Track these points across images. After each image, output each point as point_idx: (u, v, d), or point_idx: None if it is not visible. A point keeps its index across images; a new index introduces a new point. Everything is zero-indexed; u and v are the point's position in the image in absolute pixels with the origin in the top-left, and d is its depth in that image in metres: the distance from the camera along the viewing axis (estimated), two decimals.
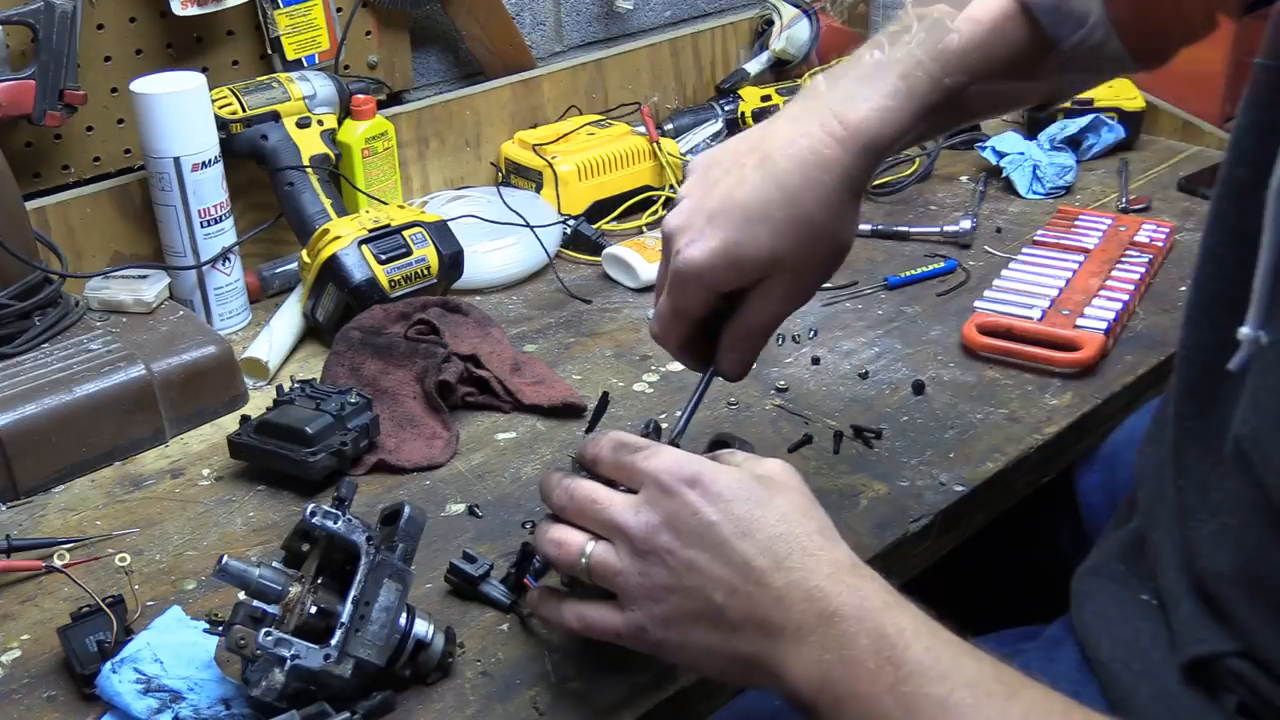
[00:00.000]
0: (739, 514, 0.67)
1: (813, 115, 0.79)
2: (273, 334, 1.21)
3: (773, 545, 0.66)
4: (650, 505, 0.69)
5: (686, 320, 0.81)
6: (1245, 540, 0.64)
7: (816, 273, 0.81)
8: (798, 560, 0.65)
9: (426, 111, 1.47)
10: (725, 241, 0.77)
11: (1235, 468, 0.64)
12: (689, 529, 0.67)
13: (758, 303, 0.80)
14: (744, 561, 0.66)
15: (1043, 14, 0.84)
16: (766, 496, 0.68)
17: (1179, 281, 1.29)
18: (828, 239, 0.79)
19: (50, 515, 0.99)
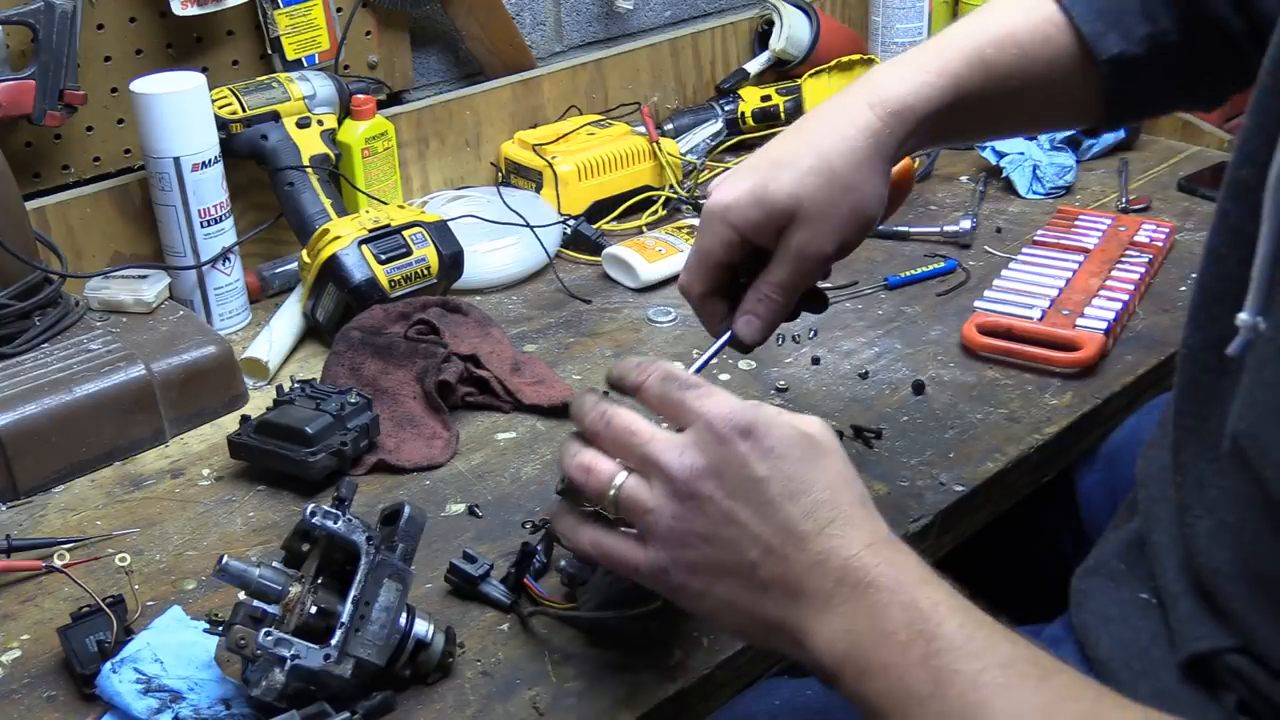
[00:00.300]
0: (789, 473, 0.65)
1: (853, 89, 0.83)
2: (273, 334, 1.21)
3: (817, 510, 0.64)
4: (697, 448, 0.66)
5: (709, 264, 0.83)
6: (1243, 536, 0.64)
7: (837, 228, 0.81)
8: (839, 529, 0.64)
9: (426, 111, 1.47)
10: (752, 182, 0.81)
11: (1232, 464, 0.64)
12: (736, 480, 0.65)
13: (778, 256, 0.81)
14: (786, 523, 0.64)
15: (1082, 21, 0.84)
16: (816, 457, 0.66)
17: (1179, 281, 1.29)
18: (851, 194, 0.80)
19: (50, 515, 0.99)
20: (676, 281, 0.88)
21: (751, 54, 1.76)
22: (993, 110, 0.87)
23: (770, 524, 0.64)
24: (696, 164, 1.55)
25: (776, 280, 0.82)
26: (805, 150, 0.81)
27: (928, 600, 0.62)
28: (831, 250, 0.82)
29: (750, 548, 0.65)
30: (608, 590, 0.80)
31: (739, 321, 0.84)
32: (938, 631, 0.60)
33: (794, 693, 0.84)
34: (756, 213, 0.81)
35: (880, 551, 0.64)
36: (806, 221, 0.80)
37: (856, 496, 0.66)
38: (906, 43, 1.71)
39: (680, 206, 1.50)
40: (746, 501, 0.65)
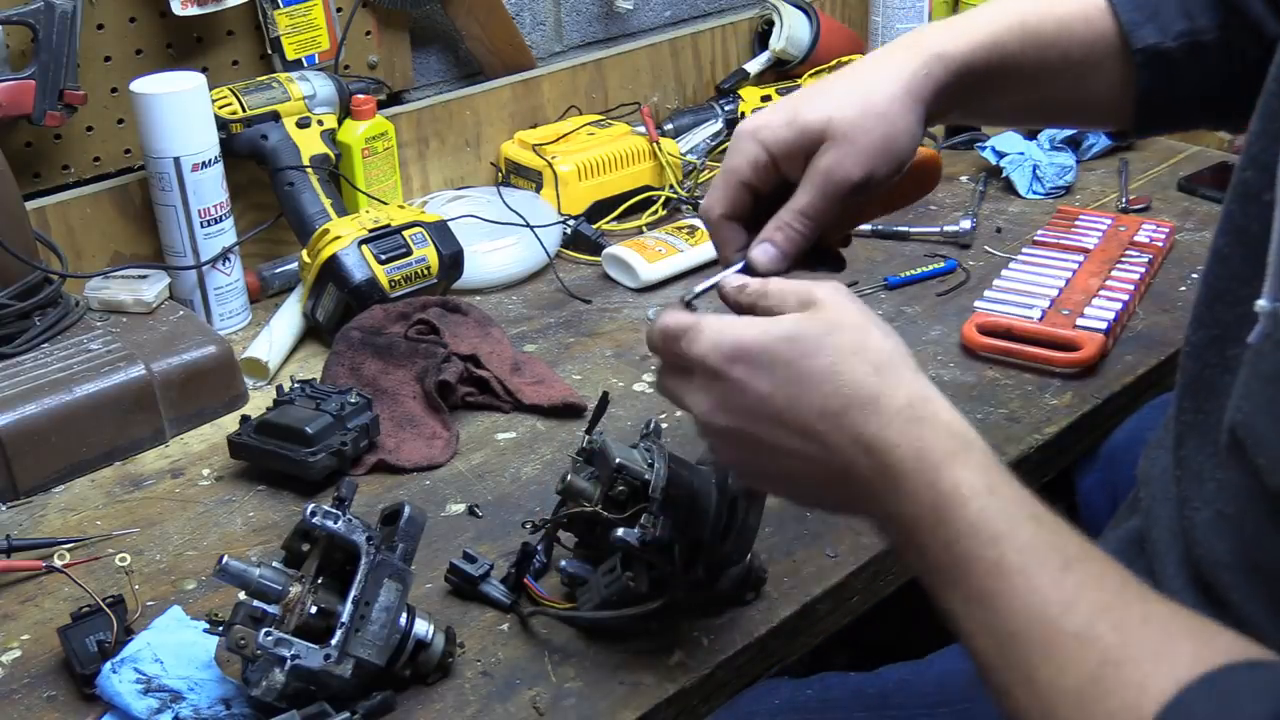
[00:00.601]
0: (787, 377, 0.66)
1: (894, 40, 0.83)
2: (273, 334, 1.21)
3: (826, 403, 0.65)
4: (703, 390, 0.69)
5: (732, 183, 0.80)
6: (1243, 528, 0.64)
7: (867, 153, 0.78)
8: (855, 415, 0.64)
9: (426, 111, 1.47)
10: (787, 104, 0.80)
11: (1231, 457, 0.64)
12: (742, 406, 0.67)
13: (804, 181, 0.79)
14: (803, 426, 0.66)
15: (1121, 9, 0.84)
16: (813, 347, 0.66)
17: (1179, 281, 1.29)
18: (884, 122, 0.78)
19: (50, 515, 0.99)
20: (699, 208, 0.83)
21: (751, 54, 1.76)
22: (1027, 82, 0.86)
23: (789, 432, 0.66)
24: (696, 164, 1.55)
25: (799, 206, 0.78)
26: (841, 80, 0.81)
27: (949, 482, 0.61)
28: (858, 176, 0.78)
29: (784, 459, 0.67)
30: (607, 590, 0.80)
31: (755, 249, 0.79)
32: (958, 515, 0.60)
33: (794, 693, 0.84)
34: (787, 132, 0.79)
35: (901, 429, 0.63)
36: (837, 142, 0.78)
37: (869, 367, 0.65)
38: None
39: (680, 206, 1.50)
40: (759, 420, 0.67)
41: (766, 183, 0.81)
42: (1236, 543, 0.65)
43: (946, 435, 0.63)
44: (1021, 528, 0.59)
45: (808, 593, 0.88)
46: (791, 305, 0.69)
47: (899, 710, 0.81)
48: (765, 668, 0.86)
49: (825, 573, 0.90)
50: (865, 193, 0.79)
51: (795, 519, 0.95)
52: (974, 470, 0.61)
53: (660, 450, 0.80)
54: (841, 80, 0.81)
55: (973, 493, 0.60)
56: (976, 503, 0.60)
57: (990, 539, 0.59)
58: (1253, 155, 0.67)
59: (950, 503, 0.60)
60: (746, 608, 0.86)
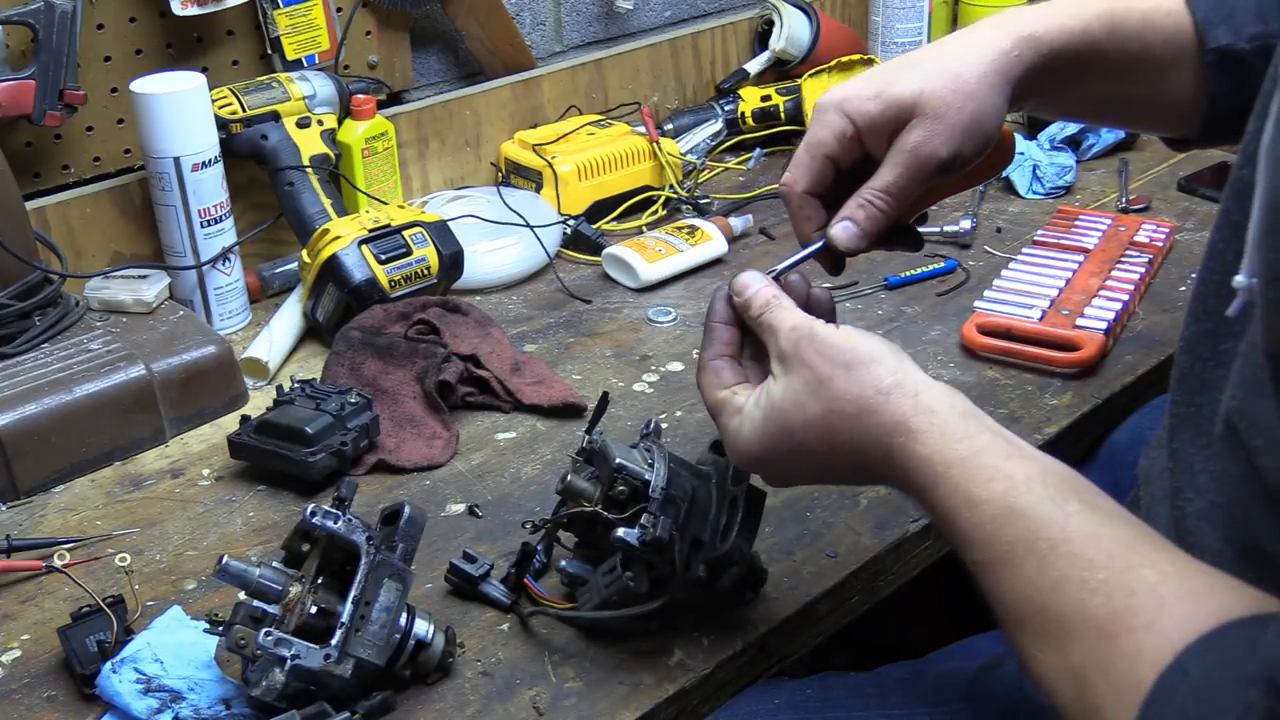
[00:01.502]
0: (806, 453, 0.72)
1: (981, 21, 0.82)
2: (273, 334, 1.21)
3: (845, 458, 0.70)
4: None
5: (817, 155, 0.79)
6: (1235, 516, 0.65)
7: (956, 131, 0.77)
8: (870, 460, 0.69)
9: (426, 111, 1.47)
10: (877, 75, 0.79)
11: (1224, 447, 0.65)
12: (787, 474, 0.76)
13: (889, 158, 0.78)
14: (845, 471, 0.72)
15: (1198, 8, 0.83)
16: (801, 427, 0.71)
17: (1179, 281, 1.29)
18: (974, 101, 0.77)
19: (50, 515, 0.99)
20: (780, 182, 0.82)
21: (751, 54, 1.76)
22: (1109, 73, 0.85)
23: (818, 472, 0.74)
24: (696, 164, 1.55)
25: (883, 183, 0.78)
26: (930, 55, 0.80)
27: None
28: (946, 154, 0.77)
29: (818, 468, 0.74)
30: (607, 590, 0.80)
31: (835, 226, 0.78)
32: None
33: (794, 692, 0.84)
34: (875, 105, 0.78)
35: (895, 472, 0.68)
36: (926, 119, 0.77)
37: (848, 438, 0.69)
38: (906, 43, 1.71)
39: (680, 206, 1.50)
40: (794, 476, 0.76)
41: (849, 157, 0.80)
42: (1228, 532, 0.65)
43: (927, 452, 0.66)
44: (1004, 526, 0.62)
45: (808, 593, 0.88)
46: (773, 357, 0.73)
47: (899, 710, 0.81)
48: (765, 668, 0.86)
49: (825, 573, 0.90)
50: (950, 172, 0.79)
51: (795, 519, 0.95)
52: (954, 486, 0.65)
53: (660, 450, 0.80)
54: (931, 55, 0.80)
55: (955, 507, 0.65)
56: (960, 514, 0.64)
57: (980, 545, 0.63)
58: (1249, 154, 0.67)
59: (949, 513, 0.65)
60: (746, 608, 0.86)
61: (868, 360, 0.70)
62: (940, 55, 0.79)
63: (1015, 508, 0.61)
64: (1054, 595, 0.58)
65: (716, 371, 0.76)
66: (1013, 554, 0.60)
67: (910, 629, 1.21)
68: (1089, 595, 0.57)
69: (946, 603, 1.24)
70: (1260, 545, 0.63)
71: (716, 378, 0.76)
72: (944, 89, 0.77)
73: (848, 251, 0.79)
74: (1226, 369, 0.65)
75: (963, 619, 0.93)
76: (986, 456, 0.64)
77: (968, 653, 0.87)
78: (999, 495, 0.62)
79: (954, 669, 0.85)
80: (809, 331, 0.72)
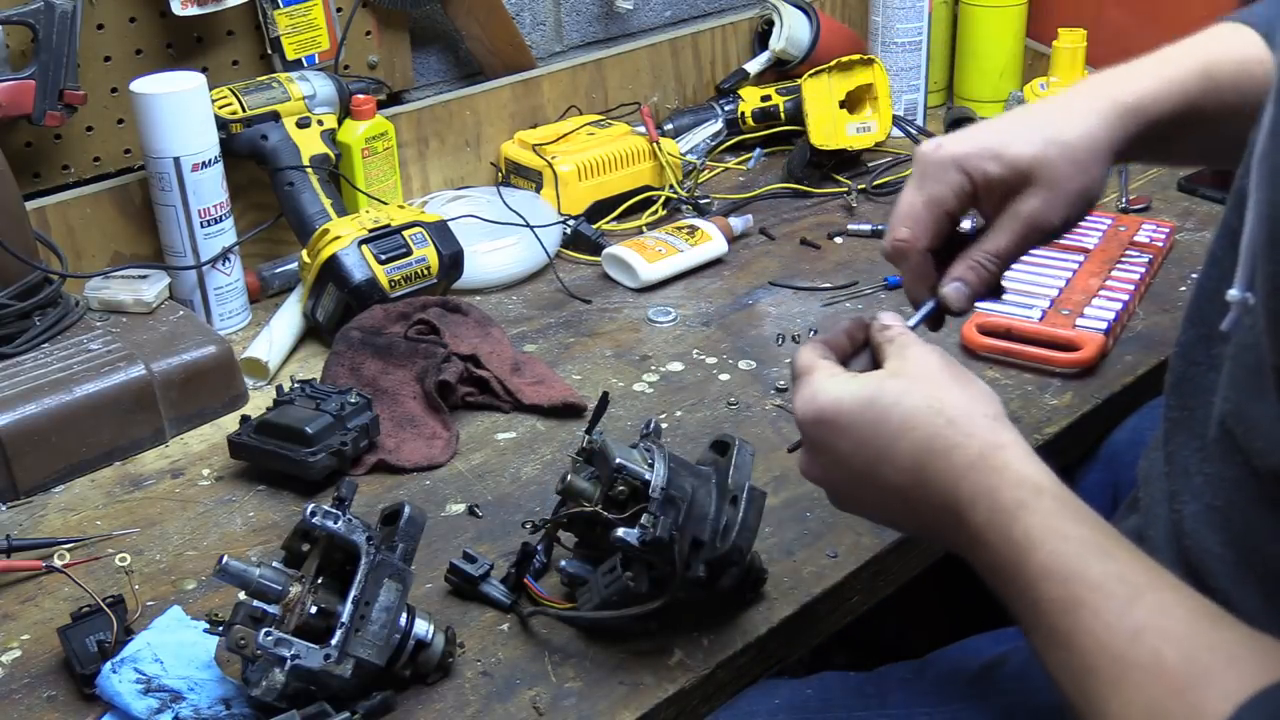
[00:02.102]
0: (863, 439, 0.71)
1: (1081, 86, 0.84)
2: (273, 334, 1.21)
3: (900, 462, 0.69)
4: (804, 447, 0.77)
5: (938, 213, 0.79)
6: (1231, 519, 0.65)
7: (1067, 202, 0.78)
8: (932, 471, 0.68)
9: (426, 111, 1.47)
10: (986, 139, 0.79)
11: (1219, 450, 0.65)
12: (827, 463, 0.74)
13: (1002, 222, 0.79)
14: (883, 484, 0.71)
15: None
16: (887, 406, 0.70)
17: (1179, 281, 1.29)
18: (1084, 174, 0.78)
19: (50, 515, 0.99)
20: (884, 242, 0.82)
21: (751, 54, 1.76)
22: (1209, 125, 0.85)
23: (874, 489, 0.72)
24: (696, 164, 1.55)
25: (995, 247, 0.79)
26: (1039, 124, 0.80)
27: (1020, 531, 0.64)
28: (1058, 223, 0.78)
29: (871, 505, 0.75)
30: (607, 590, 0.80)
31: (949, 287, 0.79)
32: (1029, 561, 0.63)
33: (794, 692, 0.84)
34: (995, 166, 0.78)
35: (975, 480, 0.67)
36: (1042, 188, 0.77)
37: (944, 419, 0.69)
38: (906, 43, 1.71)
39: (680, 206, 1.50)
40: (846, 477, 0.74)
41: (964, 214, 0.81)
42: (1226, 535, 0.66)
43: (1017, 484, 0.65)
44: (1091, 565, 0.61)
45: (808, 593, 0.88)
46: (891, 357, 0.73)
47: (899, 710, 0.82)
48: (765, 668, 0.86)
49: (825, 573, 0.90)
50: (1054, 238, 0.81)
51: (795, 519, 0.95)
52: (1044, 515, 0.63)
53: (660, 450, 0.80)
54: (1040, 119, 0.80)
55: (1042, 537, 0.63)
56: (1046, 547, 0.62)
57: (1061, 580, 0.61)
58: (1248, 164, 0.68)
59: (1022, 549, 0.63)
60: (746, 608, 0.86)
61: (985, 391, 0.72)
62: (1050, 121, 0.80)
63: (1107, 549, 0.62)
64: (1132, 642, 0.58)
65: (818, 347, 0.77)
66: (1096, 594, 0.60)
67: (910, 629, 1.21)
68: (1167, 646, 0.57)
69: (946, 603, 1.24)
70: (1261, 547, 0.63)
71: (819, 349, 0.77)
72: (1059, 158, 0.78)
73: (959, 311, 0.80)
74: (1219, 373, 0.65)
75: (963, 619, 0.93)
76: (1076, 502, 0.65)
77: (968, 653, 0.87)
78: (1090, 535, 0.62)
79: (954, 669, 0.85)
80: (937, 349, 0.74)
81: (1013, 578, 0.64)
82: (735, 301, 1.30)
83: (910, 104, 1.74)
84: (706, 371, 1.17)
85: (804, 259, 1.39)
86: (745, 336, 1.23)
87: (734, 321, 1.26)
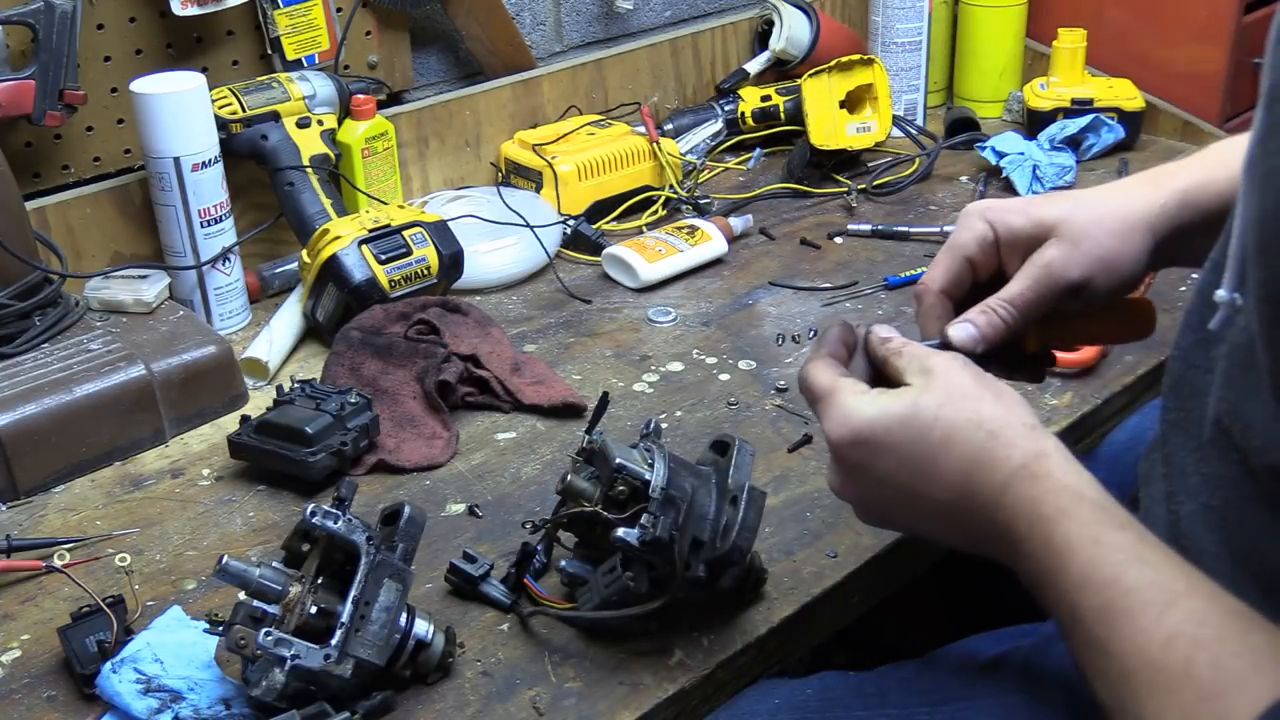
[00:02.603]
0: (907, 456, 0.70)
1: (1131, 177, 0.84)
2: (273, 334, 1.21)
3: (946, 477, 0.69)
4: (833, 467, 0.75)
5: (955, 257, 0.81)
6: (1228, 518, 0.65)
7: (1089, 259, 0.78)
8: (977, 484, 0.68)
9: (426, 111, 1.47)
10: (1024, 199, 0.82)
11: (1214, 450, 0.65)
12: (868, 485, 0.73)
13: (1020, 271, 0.79)
14: (927, 499, 0.70)
15: None
16: (928, 422, 0.69)
17: (1179, 281, 1.29)
18: (1114, 239, 0.79)
19: (50, 515, 0.99)
20: (919, 280, 0.83)
21: (751, 54, 1.76)
22: None
23: (915, 509, 0.72)
24: (696, 164, 1.55)
25: (1009, 294, 0.79)
26: (1082, 193, 0.82)
27: (1061, 538, 0.64)
28: (1077, 277, 0.78)
29: (912, 519, 0.74)
30: (607, 590, 0.80)
31: (955, 326, 0.79)
32: (1068, 568, 0.64)
33: (794, 692, 0.84)
34: (1018, 219, 0.80)
35: (1018, 491, 0.67)
36: (1063, 240, 0.78)
37: (984, 435, 0.68)
38: (906, 43, 1.71)
39: (680, 206, 1.50)
40: (889, 497, 0.73)
41: (988, 264, 0.81)
42: (1222, 534, 0.66)
43: (1057, 491, 0.66)
44: (1128, 572, 0.61)
45: (808, 593, 0.88)
46: (913, 371, 0.72)
47: (899, 710, 0.81)
48: (765, 668, 0.86)
49: (825, 573, 0.90)
50: (1076, 301, 0.80)
51: (795, 519, 0.95)
52: (1083, 523, 0.64)
53: (660, 450, 0.80)
54: (1084, 193, 0.82)
55: (1081, 544, 0.63)
56: (1085, 554, 0.63)
57: (1098, 587, 0.62)
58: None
59: (1062, 557, 0.64)
60: (746, 608, 0.86)
61: (1018, 398, 0.71)
62: (1092, 194, 0.81)
63: (1144, 556, 0.62)
64: (1166, 649, 0.58)
65: (831, 364, 0.76)
66: (1132, 600, 0.60)
67: (910, 629, 1.21)
68: (1198, 652, 0.57)
69: (946, 603, 1.24)
70: (1257, 547, 0.63)
71: (833, 366, 0.76)
72: (1086, 220, 0.79)
73: (962, 351, 0.79)
74: (1215, 374, 0.66)
75: (963, 619, 0.93)
76: (1116, 509, 0.65)
77: (968, 653, 0.87)
78: (1129, 543, 0.63)
79: (954, 669, 0.85)
80: (960, 358, 0.73)
81: (1053, 584, 0.64)
82: (735, 301, 1.30)
83: (910, 104, 1.74)
84: (706, 371, 1.17)
85: (804, 259, 1.39)
86: (745, 336, 1.23)
87: (734, 321, 1.26)
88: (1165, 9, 1.71)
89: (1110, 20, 1.76)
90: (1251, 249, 0.56)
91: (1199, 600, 0.60)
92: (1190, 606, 0.59)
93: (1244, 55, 1.68)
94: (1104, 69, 1.74)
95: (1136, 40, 1.75)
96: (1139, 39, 1.74)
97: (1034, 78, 1.71)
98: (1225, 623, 0.59)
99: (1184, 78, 1.71)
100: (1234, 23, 1.67)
